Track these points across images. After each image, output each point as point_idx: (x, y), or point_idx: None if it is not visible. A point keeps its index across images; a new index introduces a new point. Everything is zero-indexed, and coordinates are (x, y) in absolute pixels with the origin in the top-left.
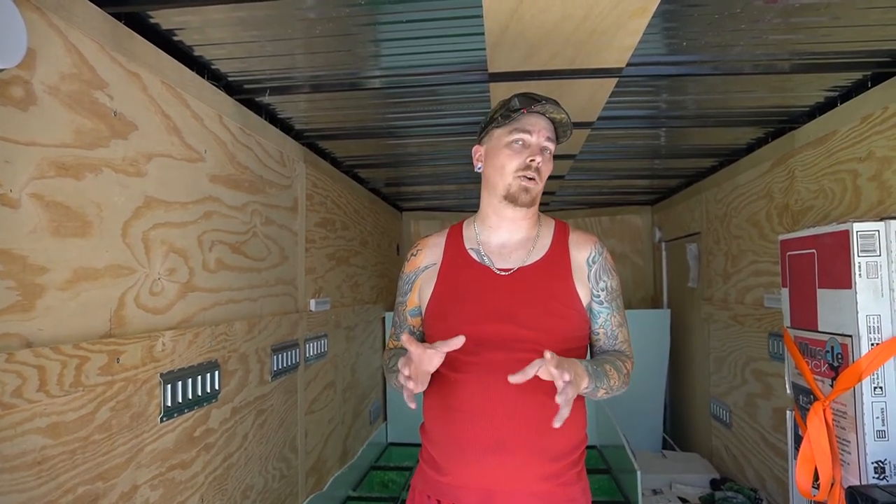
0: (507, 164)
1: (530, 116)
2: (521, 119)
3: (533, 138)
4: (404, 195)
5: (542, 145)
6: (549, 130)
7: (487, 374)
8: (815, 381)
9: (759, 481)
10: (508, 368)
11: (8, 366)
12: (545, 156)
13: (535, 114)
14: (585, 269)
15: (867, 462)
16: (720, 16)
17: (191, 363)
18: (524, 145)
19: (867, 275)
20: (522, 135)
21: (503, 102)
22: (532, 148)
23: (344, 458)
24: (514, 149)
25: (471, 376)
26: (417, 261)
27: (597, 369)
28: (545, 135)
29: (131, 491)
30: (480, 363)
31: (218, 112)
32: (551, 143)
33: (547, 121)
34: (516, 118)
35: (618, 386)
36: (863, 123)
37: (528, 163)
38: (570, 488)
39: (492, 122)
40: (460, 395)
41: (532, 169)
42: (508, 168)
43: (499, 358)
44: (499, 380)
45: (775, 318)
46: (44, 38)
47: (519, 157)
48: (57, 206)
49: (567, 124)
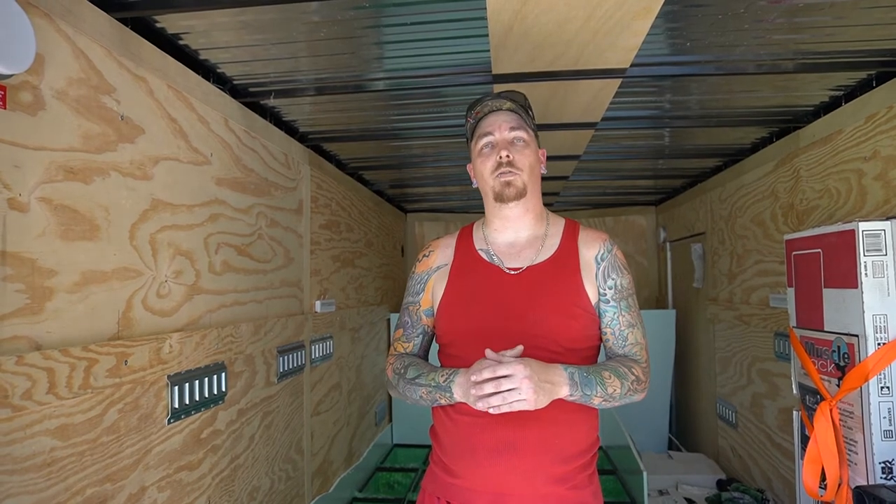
0: (483, 170)
1: (487, 118)
2: (480, 124)
3: (496, 136)
4: (409, 197)
5: (508, 138)
6: (513, 120)
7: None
8: (822, 380)
9: (766, 482)
10: None
11: (17, 368)
12: (517, 146)
13: (490, 113)
14: (594, 266)
15: (874, 462)
16: (724, 16)
17: (198, 365)
18: (492, 146)
19: (873, 274)
20: (486, 138)
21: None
22: (499, 145)
23: (350, 460)
24: (484, 153)
25: None
26: (430, 261)
27: (587, 376)
28: (507, 126)
29: (139, 493)
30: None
31: (223, 115)
32: (518, 131)
33: (506, 113)
34: (477, 124)
35: (620, 393)
36: (868, 123)
37: (499, 160)
38: (582, 492)
39: (468, 140)
40: None
41: (503, 164)
42: (486, 173)
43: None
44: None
45: (781, 318)
46: (52, 43)
47: (490, 159)
48: (65, 210)
49: (518, 99)
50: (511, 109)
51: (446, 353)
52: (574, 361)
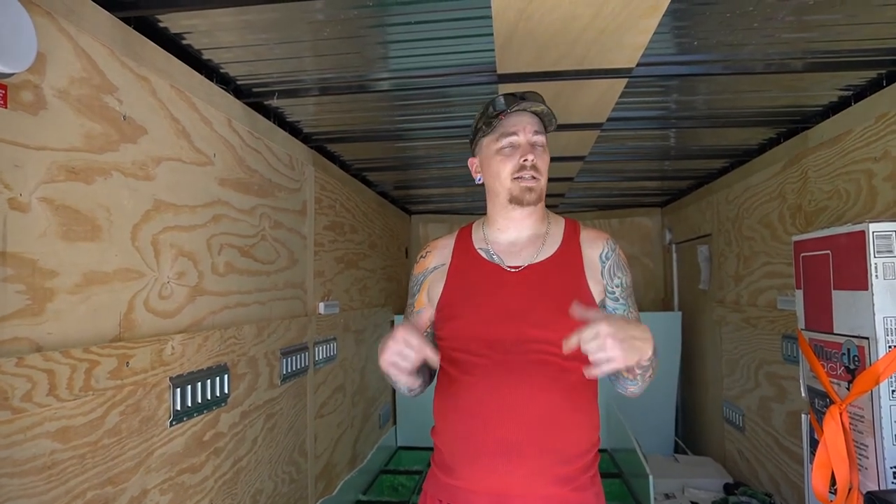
0: (501, 170)
1: (512, 116)
2: (504, 122)
3: (521, 137)
4: (413, 198)
5: (532, 141)
6: (535, 124)
7: (499, 376)
8: (832, 384)
9: (774, 486)
10: (520, 370)
11: (18, 370)
12: (538, 151)
13: (516, 112)
14: (598, 265)
15: (885, 466)
16: (732, 14)
17: (200, 367)
18: (514, 147)
19: (884, 276)
20: (509, 138)
21: (483, 108)
22: (523, 147)
23: (353, 462)
24: (504, 153)
25: (482, 379)
26: (427, 262)
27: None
28: (532, 129)
29: (141, 495)
30: (491, 365)
31: (227, 116)
32: (540, 136)
33: (531, 115)
34: (499, 122)
35: (652, 376)
36: (878, 122)
37: (522, 163)
38: (584, 493)
39: (478, 132)
40: (471, 397)
41: (528, 168)
42: (504, 174)
43: (510, 360)
44: (510, 382)
45: (789, 321)
46: (54, 42)
47: (511, 161)
48: (66, 210)
49: (549, 115)
50: (536, 112)
51: (446, 354)
52: (579, 362)
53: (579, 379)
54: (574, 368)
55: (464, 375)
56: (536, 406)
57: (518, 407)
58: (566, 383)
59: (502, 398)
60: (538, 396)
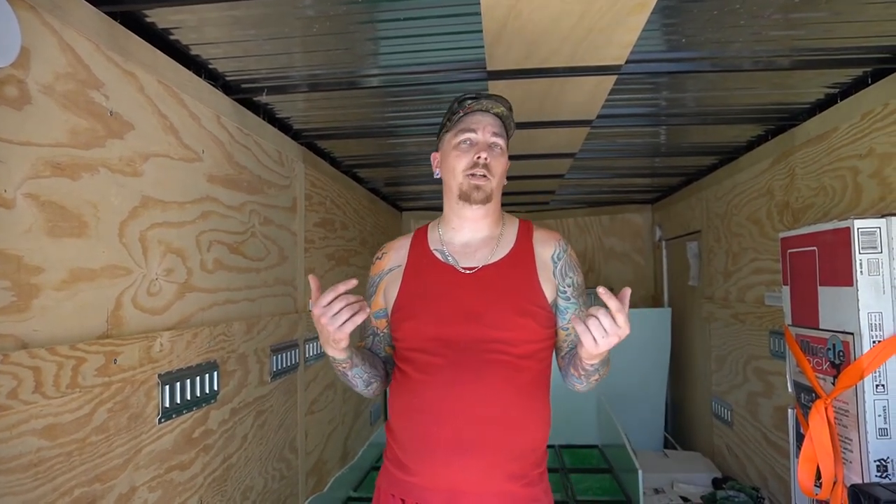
0: (456, 164)
1: (474, 115)
2: (465, 119)
3: (478, 135)
4: (404, 195)
5: (489, 141)
6: (496, 126)
7: (454, 376)
8: (817, 378)
9: (762, 480)
10: (474, 370)
11: (3, 367)
12: (494, 152)
13: (478, 112)
14: (551, 265)
15: (870, 460)
16: (719, 11)
17: (189, 364)
18: (471, 144)
19: (868, 272)
20: (468, 134)
21: (449, 105)
22: (479, 145)
23: (344, 459)
24: (461, 149)
25: (437, 378)
26: (382, 263)
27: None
28: (491, 130)
29: (129, 493)
30: (446, 364)
31: (215, 112)
32: (499, 138)
33: (492, 117)
34: (461, 119)
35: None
36: (863, 120)
37: (476, 160)
38: (534, 488)
39: (443, 128)
40: (427, 396)
41: (480, 166)
42: (458, 168)
43: (465, 359)
44: (465, 381)
45: (776, 316)
46: (38, 37)
47: (466, 157)
48: (52, 206)
49: (507, 117)
50: (498, 115)
51: (402, 354)
52: (533, 361)
53: (532, 378)
54: (527, 367)
55: (419, 374)
56: (490, 405)
57: (472, 405)
58: (519, 382)
59: (457, 397)
60: (492, 395)
